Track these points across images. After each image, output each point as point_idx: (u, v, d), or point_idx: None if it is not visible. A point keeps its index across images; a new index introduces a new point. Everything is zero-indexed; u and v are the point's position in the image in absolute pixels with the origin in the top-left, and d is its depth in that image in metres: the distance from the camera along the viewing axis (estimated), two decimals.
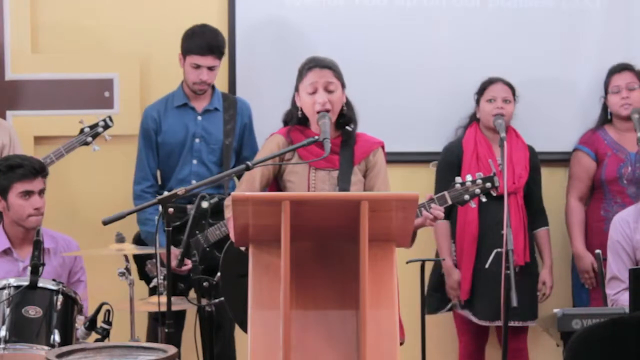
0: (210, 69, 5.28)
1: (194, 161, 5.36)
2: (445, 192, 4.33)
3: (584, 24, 5.84)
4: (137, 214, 5.16)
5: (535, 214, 5.52)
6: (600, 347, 2.98)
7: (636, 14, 5.86)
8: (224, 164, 5.35)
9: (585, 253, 5.52)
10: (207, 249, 5.03)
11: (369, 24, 5.78)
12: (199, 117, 5.37)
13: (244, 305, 3.78)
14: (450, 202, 4.33)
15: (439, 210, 4.23)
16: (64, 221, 5.54)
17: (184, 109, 5.38)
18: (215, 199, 4.84)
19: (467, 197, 4.35)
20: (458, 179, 4.38)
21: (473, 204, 4.43)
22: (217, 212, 4.84)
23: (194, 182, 5.25)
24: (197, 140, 5.36)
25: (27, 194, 4.84)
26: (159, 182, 5.42)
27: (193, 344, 4.66)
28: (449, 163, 5.43)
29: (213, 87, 5.42)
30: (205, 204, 4.42)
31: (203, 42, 5.26)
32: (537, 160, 5.54)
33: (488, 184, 4.35)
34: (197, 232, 4.98)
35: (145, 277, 5.15)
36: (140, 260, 5.13)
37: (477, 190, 4.35)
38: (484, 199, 4.41)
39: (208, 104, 5.39)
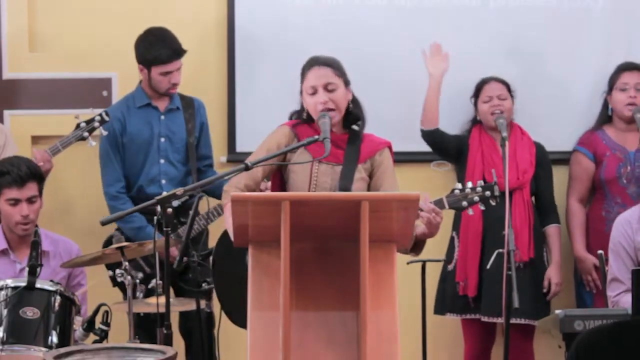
0: (178, 69, 5.32)
1: (162, 160, 5.40)
2: (443, 197, 4.31)
3: (586, 24, 5.82)
4: (111, 213, 5.20)
5: (545, 211, 5.52)
6: (604, 351, 2.96)
7: (638, 14, 5.84)
8: (189, 162, 5.40)
9: (586, 255, 5.51)
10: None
11: (368, 23, 5.77)
12: (162, 117, 5.42)
13: (240, 300, 3.76)
14: (447, 207, 4.31)
15: (430, 213, 4.18)
16: (59, 221, 5.54)
17: (146, 108, 5.41)
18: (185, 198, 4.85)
19: (465, 203, 4.34)
20: (458, 185, 4.37)
21: (471, 211, 4.41)
22: (185, 210, 4.91)
23: (164, 181, 5.34)
24: (162, 139, 5.40)
25: (15, 201, 4.81)
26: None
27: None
28: (449, 144, 5.50)
29: None
30: (175, 203, 4.38)
31: (169, 50, 5.27)
32: (545, 157, 5.54)
33: (487, 192, 4.33)
34: (169, 231, 4.98)
35: (120, 283, 5.01)
36: (112, 266, 5.06)
37: (476, 198, 4.34)
38: (482, 207, 4.40)
39: (170, 104, 5.43)
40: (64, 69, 5.64)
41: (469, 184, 4.35)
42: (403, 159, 5.58)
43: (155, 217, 4.10)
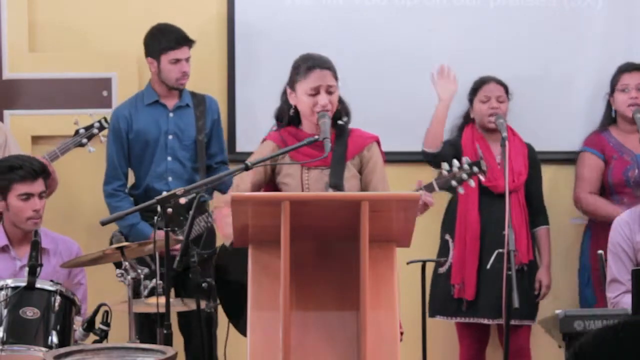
0: (187, 60, 5.35)
1: (169, 158, 5.42)
2: (433, 180, 4.33)
3: (586, 24, 5.84)
4: (109, 210, 5.29)
5: (535, 213, 5.53)
6: (606, 352, 2.96)
7: (638, 14, 5.86)
8: (198, 160, 5.41)
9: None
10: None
11: (368, 23, 5.78)
12: (171, 114, 5.44)
13: (241, 304, 3.77)
14: (437, 190, 4.32)
15: (428, 196, 4.20)
16: (61, 221, 5.53)
17: (154, 106, 5.44)
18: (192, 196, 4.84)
19: (454, 182, 4.37)
20: (445, 166, 4.38)
21: (461, 190, 4.41)
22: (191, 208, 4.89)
23: (170, 179, 5.37)
24: (170, 137, 5.42)
25: (27, 196, 4.81)
26: (130, 181, 5.47)
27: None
28: (447, 155, 5.40)
29: None
30: (182, 201, 4.39)
31: (176, 35, 5.35)
32: (536, 159, 5.55)
33: (475, 168, 4.35)
34: (176, 229, 4.96)
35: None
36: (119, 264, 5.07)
37: (464, 175, 4.36)
38: (472, 184, 4.40)
39: (179, 101, 5.45)
40: (64, 69, 5.66)
41: (455, 162, 4.35)
42: (401, 158, 5.63)
43: (155, 218, 4.10)
